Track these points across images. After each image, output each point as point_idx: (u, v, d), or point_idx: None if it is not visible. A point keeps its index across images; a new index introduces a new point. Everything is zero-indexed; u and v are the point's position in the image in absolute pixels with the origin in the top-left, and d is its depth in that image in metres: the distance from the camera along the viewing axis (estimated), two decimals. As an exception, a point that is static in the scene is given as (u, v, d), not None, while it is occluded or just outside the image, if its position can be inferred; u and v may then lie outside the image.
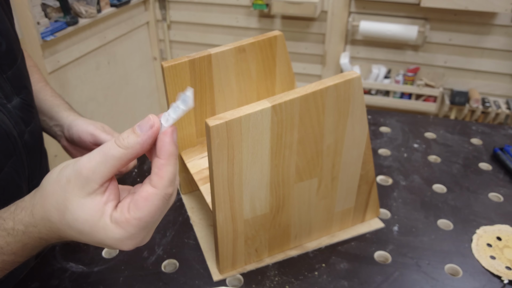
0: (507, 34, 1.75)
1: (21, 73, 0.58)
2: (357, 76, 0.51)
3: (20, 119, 0.57)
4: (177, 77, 0.61)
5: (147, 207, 0.33)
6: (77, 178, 0.33)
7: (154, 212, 0.33)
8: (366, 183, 0.62)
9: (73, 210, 0.33)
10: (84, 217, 0.33)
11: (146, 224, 0.34)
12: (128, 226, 0.33)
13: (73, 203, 0.33)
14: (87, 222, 0.33)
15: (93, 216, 0.33)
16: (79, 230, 0.34)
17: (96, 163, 0.33)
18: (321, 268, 0.58)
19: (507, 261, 0.58)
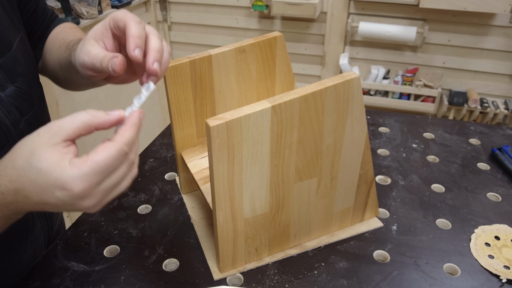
0: (506, 34, 1.75)
1: (17, 60, 0.56)
2: (356, 77, 0.51)
3: (15, 108, 0.55)
4: (177, 78, 0.62)
5: (103, 152, 0.37)
6: (46, 132, 0.38)
7: (109, 160, 0.37)
8: (365, 183, 0.62)
9: (38, 154, 0.37)
10: (45, 157, 0.36)
11: (100, 169, 0.37)
12: (82, 166, 0.36)
13: (38, 149, 0.37)
14: (46, 161, 0.36)
15: (54, 158, 0.37)
16: (38, 169, 0.36)
17: (65, 122, 0.38)
18: (321, 267, 0.58)
19: (505, 260, 0.59)
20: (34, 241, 0.64)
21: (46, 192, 0.37)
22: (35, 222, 0.64)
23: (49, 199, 0.38)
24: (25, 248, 0.62)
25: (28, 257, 0.63)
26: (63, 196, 0.37)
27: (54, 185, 0.37)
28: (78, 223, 0.67)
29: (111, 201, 0.71)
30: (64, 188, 0.36)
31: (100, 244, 0.62)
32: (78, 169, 0.36)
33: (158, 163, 0.81)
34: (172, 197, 0.72)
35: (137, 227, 0.65)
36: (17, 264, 0.61)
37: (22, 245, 0.61)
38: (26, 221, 0.61)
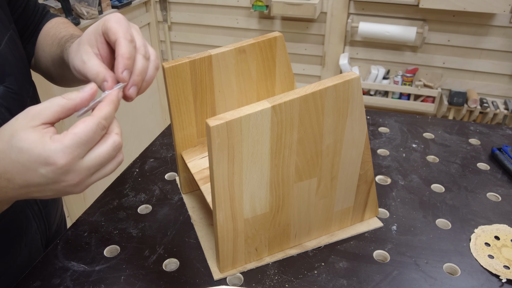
0: (505, 35, 1.76)
1: (5, 60, 0.55)
2: (356, 77, 0.52)
3: (4, 108, 0.54)
4: (178, 78, 0.62)
5: (82, 125, 0.38)
6: (24, 117, 0.38)
7: (88, 132, 0.38)
8: (365, 183, 0.62)
9: (18, 135, 0.37)
10: (25, 136, 0.37)
11: (80, 141, 0.37)
12: (63, 139, 0.37)
13: (18, 131, 0.37)
14: (27, 140, 0.37)
15: (35, 136, 0.37)
16: (20, 148, 0.37)
17: (43, 106, 0.38)
18: (321, 267, 0.58)
19: (505, 260, 0.59)
20: (29, 243, 0.63)
21: (29, 170, 0.37)
22: (30, 223, 0.63)
23: (33, 178, 0.37)
24: (19, 249, 0.61)
25: (24, 259, 0.62)
26: (47, 172, 0.37)
27: (37, 161, 0.37)
28: (78, 223, 0.67)
29: (111, 202, 0.71)
30: (47, 163, 0.37)
31: (100, 244, 0.62)
32: (59, 143, 0.37)
33: (158, 163, 0.81)
34: (172, 197, 0.72)
35: (137, 227, 0.66)
36: (11, 266, 0.61)
37: (16, 247, 0.60)
38: (19, 222, 0.61)
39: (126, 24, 0.46)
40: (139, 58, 0.45)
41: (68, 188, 0.39)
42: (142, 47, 0.46)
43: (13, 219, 0.59)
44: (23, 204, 0.62)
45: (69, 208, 1.68)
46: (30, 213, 0.63)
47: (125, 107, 2.05)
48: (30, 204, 0.63)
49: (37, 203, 0.65)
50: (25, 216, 0.62)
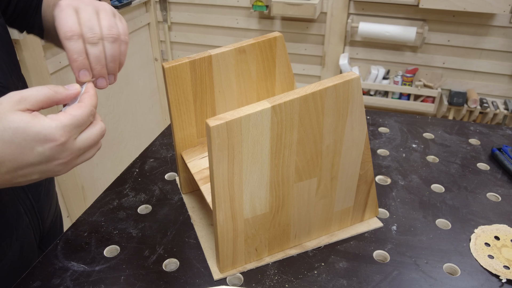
0: (505, 35, 1.76)
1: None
2: (356, 77, 0.52)
3: None
4: (178, 78, 0.62)
5: (79, 109, 0.40)
6: (8, 101, 0.38)
7: (84, 115, 0.40)
8: (365, 183, 0.62)
9: (8, 117, 0.37)
10: (18, 118, 0.37)
11: (77, 123, 0.40)
12: (62, 118, 0.39)
13: (7, 114, 0.37)
14: (22, 120, 0.37)
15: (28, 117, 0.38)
16: (15, 129, 0.37)
17: (29, 93, 0.39)
18: (321, 267, 0.58)
19: (505, 260, 0.59)
20: (21, 237, 0.63)
21: (25, 149, 0.37)
22: (21, 218, 0.63)
23: (27, 158, 0.38)
24: (10, 243, 0.61)
25: (15, 253, 0.62)
26: (44, 150, 0.38)
27: (35, 139, 0.37)
28: (78, 223, 0.67)
29: (111, 202, 0.71)
30: (47, 140, 0.38)
31: (100, 244, 0.62)
32: (59, 121, 0.38)
33: (158, 163, 0.81)
34: (172, 197, 0.72)
35: (137, 227, 0.66)
36: (3, 259, 0.61)
37: (6, 240, 0.60)
38: (9, 216, 0.60)
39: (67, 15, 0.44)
40: (89, 49, 0.44)
41: (58, 167, 0.40)
42: (89, 33, 0.44)
43: (2, 213, 0.58)
44: (14, 198, 0.61)
45: (69, 208, 1.68)
46: (21, 207, 0.63)
47: (125, 107, 2.05)
48: (22, 198, 0.63)
49: (28, 198, 0.64)
50: (15, 210, 0.61)
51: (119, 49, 0.46)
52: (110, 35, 0.45)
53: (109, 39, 0.45)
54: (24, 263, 0.65)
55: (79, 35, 0.44)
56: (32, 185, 0.66)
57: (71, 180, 1.66)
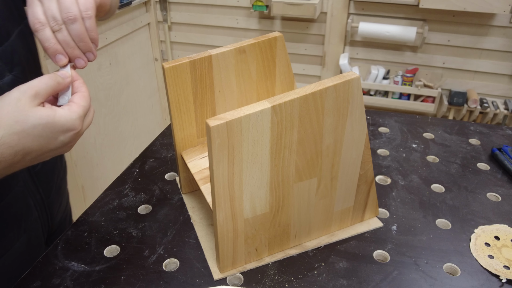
0: (505, 35, 1.75)
1: (14, 50, 0.58)
2: (356, 77, 0.52)
3: None
4: (178, 78, 0.62)
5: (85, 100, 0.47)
6: (26, 97, 0.43)
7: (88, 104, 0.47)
8: (365, 183, 0.62)
9: (34, 114, 0.42)
10: (42, 114, 0.43)
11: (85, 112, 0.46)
12: (78, 109, 0.45)
13: (31, 110, 0.42)
14: (47, 116, 0.43)
15: (49, 111, 0.43)
16: (43, 125, 0.43)
17: (39, 88, 0.44)
18: (321, 267, 0.58)
19: (505, 260, 0.59)
20: (28, 229, 0.65)
21: (50, 140, 0.44)
22: (30, 211, 0.64)
23: (50, 146, 0.44)
24: (17, 234, 0.63)
25: (22, 245, 0.64)
26: (66, 137, 0.45)
27: (60, 131, 0.44)
28: (78, 223, 0.67)
29: (111, 202, 0.71)
30: (69, 130, 0.44)
31: (100, 244, 0.62)
32: (76, 113, 0.45)
33: (158, 163, 0.81)
34: (172, 197, 0.72)
35: (137, 227, 0.66)
36: (9, 250, 0.62)
37: (14, 231, 0.62)
38: (19, 207, 0.62)
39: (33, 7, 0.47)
40: (57, 35, 0.47)
41: (68, 148, 0.47)
42: (52, 21, 0.47)
43: (12, 204, 0.61)
44: (25, 191, 0.63)
45: (69, 208, 1.68)
46: (31, 201, 0.65)
47: (125, 107, 2.05)
48: (32, 192, 0.65)
49: (39, 192, 0.66)
50: (25, 203, 0.63)
51: (83, 27, 0.48)
52: (67, 17, 0.47)
53: (68, 21, 0.47)
54: (31, 256, 0.65)
55: (45, 24, 0.47)
56: (44, 180, 0.67)
57: (71, 180, 1.66)
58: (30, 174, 0.64)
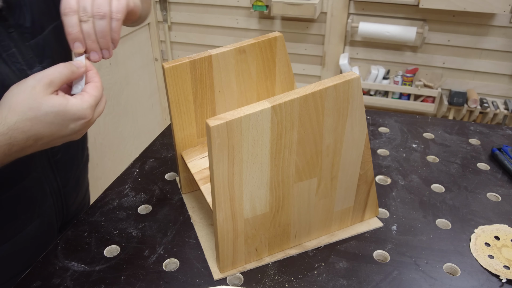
0: (505, 35, 1.75)
1: (47, 44, 0.61)
2: (356, 77, 0.52)
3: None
4: (178, 78, 0.62)
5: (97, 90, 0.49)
6: (40, 85, 0.45)
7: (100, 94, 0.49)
8: (365, 183, 0.62)
9: (47, 102, 0.44)
10: (55, 102, 0.45)
11: (96, 101, 0.48)
12: (89, 99, 0.47)
13: (44, 98, 0.44)
14: (60, 104, 0.45)
15: (62, 100, 0.45)
16: (56, 112, 0.45)
17: (53, 76, 0.46)
18: (321, 267, 0.58)
19: (505, 260, 0.59)
20: (42, 215, 0.67)
21: (61, 127, 0.46)
22: (46, 197, 0.67)
23: (62, 132, 0.46)
24: (30, 218, 0.65)
25: (34, 228, 0.66)
26: (76, 126, 0.46)
27: (71, 119, 0.45)
28: (78, 223, 0.67)
29: (111, 202, 0.71)
30: (80, 118, 0.46)
31: (100, 244, 0.62)
32: (88, 102, 0.47)
33: (158, 163, 0.81)
34: (172, 197, 0.72)
35: (137, 227, 0.66)
36: (21, 232, 0.64)
37: (27, 215, 0.64)
38: (34, 192, 0.65)
39: None
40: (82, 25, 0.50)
41: (78, 136, 0.48)
42: (81, 11, 0.49)
43: (27, 188, 0.63)
44: (42, 177, 0.65)
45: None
46: (47, 188, 0.67)
47: (125, 107, 2.05)
48: (50, 180, 0.67)
49: (56, 181, 0.69)
50: (41, 189, 0.66)
51: (108, 26, 0.50)
52: (97, 13, 0.49)
53: (97, 16, 0.50)
54: (42, 241, 0.68)
55: (75, 12, 0.49)
56: (62, 169, 0.69)
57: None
58: (49, 162, 0.66)
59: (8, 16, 0.54)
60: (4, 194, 0.60)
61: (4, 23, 0.54)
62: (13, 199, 0.62)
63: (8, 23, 0.55)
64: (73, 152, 0.72)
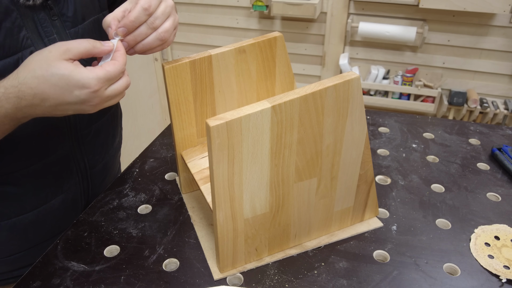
0: (505, 35, 1.75)
1: (86, 33, 0.65)
2: (356, 77, 0.52)
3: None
4: (178, 78, 0.62)
5: (113, 66, 0.49)
6: (57, 50, 0.47)
7: (116, 72, 0.49)
8: (365, 183, 0.62)
9: (55, 64, 0.46)
10: (64, 66, 0.46)
11: (109, 77, 0.48)
12: (98, 71, 0.47)
13: (55, 61, 0.47)
14: (66, 69, 0.46)
15: (71, 66, 0.47)
16: (60, 75, 0.46)
17: (72, 45, 0.48)
18: (321, 267, 0.58)
19: (505, 260, 0.59)
20: (67, 191, 0.70)
21: (66, 91, 0.47)
22: (72, 175, 0.70)
23: (66, 98, 0.47)
24: (55, 192, 0.68)
25: (57, 203, 0.69)
26: (80, 94, 0.47)
27: (75, 85, 0.46)
28: (78, 223, 0.67)
29: (111, 202, 0.71)
30: (83, 87, 0.47)
31: (100, 244, 0.62)
32: (95, 73, 0.47)
33: (158, 163, 0.81)
34: (172, 197, 0.72)
35: (137, 227, 0.66)
36: (45, 204, 0.68)
37: (52, 189, 0.68)
38: (61, 169, 0.68)
39: None
40: (143, 26, 0.54)
41: (88, 107, 0.49)
42: (153, 18, 0.54)
43: (54, 164, 0.66)
44: (69, 156, 0.68)
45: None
46: (74, 166, 0.70)
47: (125, 107, 2.04)
48: (77, 159, 0.70)
49: (84, 161, 0.71)
50: (68, 167, 0.69)
51: (147, 33, 0.54)
52: (151, 22, 0.54)
53: (149, 24, 0.54)
54: (65, 216, 0.71)
55: (149, 12, 0.53)
56: (90, 152, 0.72)
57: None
58: (78, 143, 0.69)
59: (53, 5, 0.60)
60: (31, 166, 0.64)
61: (49, 11, 0.59)
62: (39, 172, 0.65)
63: (53, 12, 0.60)
64: (103, 137, 0.75)
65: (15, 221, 0.66)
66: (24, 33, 0.56)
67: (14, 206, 0.65)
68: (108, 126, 0.77)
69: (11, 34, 0.55)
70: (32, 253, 0.68)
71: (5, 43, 0.54)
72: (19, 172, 0.63)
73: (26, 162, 0.63)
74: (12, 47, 0.55)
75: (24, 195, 0.65)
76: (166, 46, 0.57)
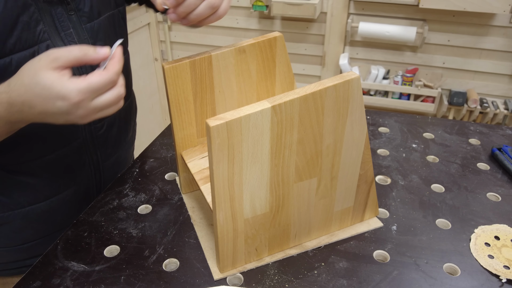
0: (505, 35, 1.75)
1: (101, 28, 0.67)
2: (356, 77, 0.52)
3: (91, 69, 0.63)
4: (178, 78, 0.62)
5: (98, 76, 0.46)
6: (46, 58, 0.46)
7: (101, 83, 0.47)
8: (365, 183, 0.62)
9: (41, 74, 0.46)
10: (47, 76, 0.46)
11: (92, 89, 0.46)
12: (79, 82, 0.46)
13: (41, 70, 0.46)
14: (49, 79, 0.45)
15: (55, 76, 0.46)
16: (43, 85, 0.45)
17: (62, 53, 0.47)
18: (321, 267, 0.58)
19: (505, 260, 0.59)
20: (79, 183, 0.72)
21: (48, 102, 0.46)
22: (84, 167, 0.72)
23: (50, 108, 0.46)
24: (67, 183, 0.70)
25: (70, 194, 0.71)
26: (62, 105, 0.46)
27: (56, 97, 0.45)
28: (78, 223, 0.67)
29: (111, 202, 0.71)
30: (64, 98, 0.45)
31: (100, 244, 0.62)
32: (75, 84, 0.46)
33: (158, 163, 0.81)
34: (172, 197, 0.72)
35: (137, 227, 0.66)
36: (57, 194, 0.70)
37: (64, 180, 0.70)
38: (74, 162, 0.70)
39: None
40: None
41: (76, 119, 0.48)
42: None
43: (67, 155, 0.68)
44: (82, 148, 0.70)
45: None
46: (87, 159, 0.71)
47: (125, 107, 2.04)
48: (90, 152, 0.71)
49: (96, 154, 0.73)
50: (80, 159, 0.70)
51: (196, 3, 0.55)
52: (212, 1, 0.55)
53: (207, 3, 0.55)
54: (78, 205, 0.73)
55: None
56: (103, 145, 0.73)
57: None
58: (92, 136, 0.70)
59: (70, 1, 0.61)
60: (45, 157, 0.65)
61: (66, 6, 0.61)
62: (52, 163, 0.66)
63: (70, 7, 0.61)
64: (116, 131, 0.76)
65: (29, 210, 0.68)
66: (41, 27, 0.57)
67: (28, 195, 0.67)
68: (121, 120, 0.77)
69: (28, 27, 0.56)
70: (46, 242, 0.69)
71: (21, 36, 0.55)
72: (32, 162, 0.65)
73: (39, 153, 0.64)
74: (28, 40, 0.56)
75: (37, 185, 0.67)
76: (220, 15, 0.57)
